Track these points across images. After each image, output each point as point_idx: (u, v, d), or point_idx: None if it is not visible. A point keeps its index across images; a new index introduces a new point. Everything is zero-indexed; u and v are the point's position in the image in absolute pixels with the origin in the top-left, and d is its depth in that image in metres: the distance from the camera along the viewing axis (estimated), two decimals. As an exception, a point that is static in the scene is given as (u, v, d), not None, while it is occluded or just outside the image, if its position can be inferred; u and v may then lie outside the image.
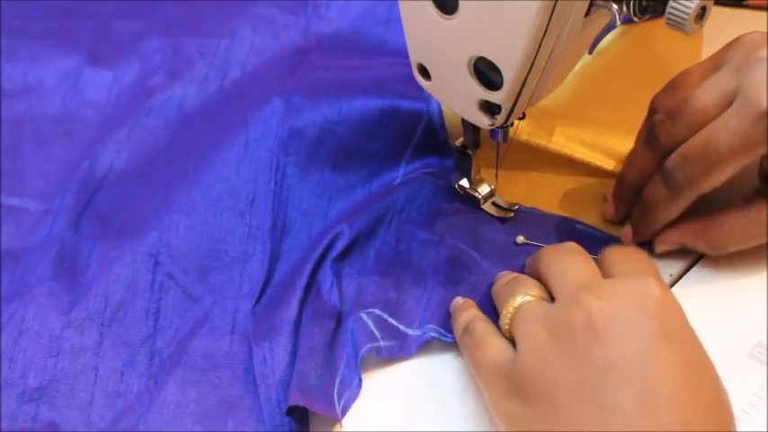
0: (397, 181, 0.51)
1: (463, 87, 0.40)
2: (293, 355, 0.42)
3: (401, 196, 0.49)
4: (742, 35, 0.42)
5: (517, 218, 0.48)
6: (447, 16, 0.38)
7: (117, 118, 0.56)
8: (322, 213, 0.50)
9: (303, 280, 0.45)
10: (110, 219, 0.50)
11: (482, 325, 0.40)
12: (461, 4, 0.37)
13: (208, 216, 0.48)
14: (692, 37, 0.37)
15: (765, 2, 0.58)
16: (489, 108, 0.41)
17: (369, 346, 0.42)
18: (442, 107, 0.52)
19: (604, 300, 0.34)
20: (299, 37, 0.60)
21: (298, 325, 0.43)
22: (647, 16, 0.36)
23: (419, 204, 0.49)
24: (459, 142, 0.46)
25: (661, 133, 0.43)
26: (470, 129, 0.45)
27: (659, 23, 0.37)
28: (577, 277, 0.37)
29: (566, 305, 0.35)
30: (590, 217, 0.48)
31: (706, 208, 0.43)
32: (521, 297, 0.38)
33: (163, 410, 0.42)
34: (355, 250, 0.47)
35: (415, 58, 0.42)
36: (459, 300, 0.44)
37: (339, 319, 0.44)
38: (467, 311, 0.42)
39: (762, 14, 0.58)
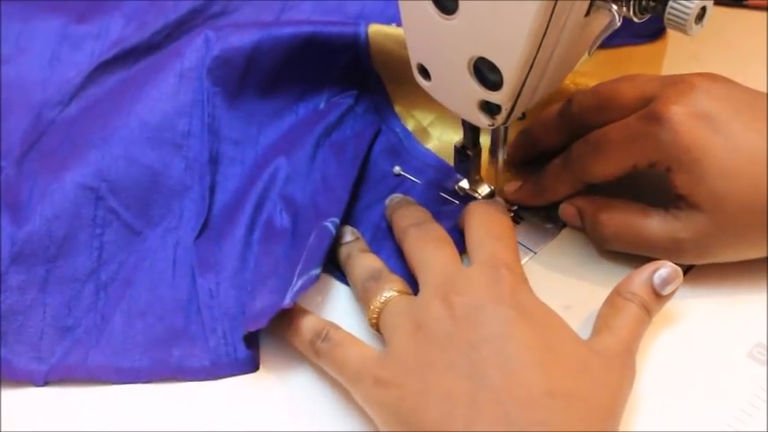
0: (321, 106, 0.53)
1: (463, 87, 0.40)
2: (241, 289, 0.44)
3: (330, 124, 0.51)
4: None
5: None
6: (447, 16, 0.38)
7: (81, 69, 0.56)
8: (252, 141, 0.51)
9: (246, 217, 0.46)
10: (52, 158, 0.50)
11: (339, 331, 0.40)
12: (461, 5, 0.37)
13: (146, 149, 0.48)
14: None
15: (765, 2, 0.58)
16: (489, 108, 0.41)
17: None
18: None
19: (464, 295, 0.37)
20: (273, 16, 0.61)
21: (244, 261, 0.45)
22: (648, 16, 0.36)
23: (349, 135, 0.51)
24: (458, 143, 0.46)
25: (575, 102, 0.45)
26: (470, 129, 0.45)
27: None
28: (440, 271, 0.39)
29: (429, 301, 0.38)
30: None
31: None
32: (387, 293, 0.40)
33: (111, 342, 0.43)
34: (301, 176, 0.49)
35: (415, 59, 0.42)
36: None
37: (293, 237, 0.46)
38: (311, 319, 0.41)
39: (762, 14, 0.58)
